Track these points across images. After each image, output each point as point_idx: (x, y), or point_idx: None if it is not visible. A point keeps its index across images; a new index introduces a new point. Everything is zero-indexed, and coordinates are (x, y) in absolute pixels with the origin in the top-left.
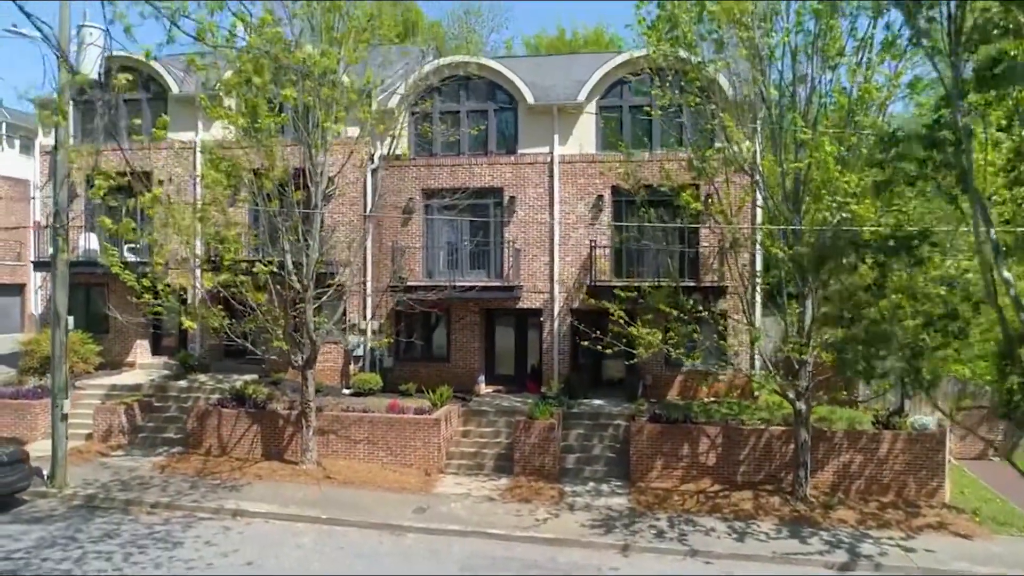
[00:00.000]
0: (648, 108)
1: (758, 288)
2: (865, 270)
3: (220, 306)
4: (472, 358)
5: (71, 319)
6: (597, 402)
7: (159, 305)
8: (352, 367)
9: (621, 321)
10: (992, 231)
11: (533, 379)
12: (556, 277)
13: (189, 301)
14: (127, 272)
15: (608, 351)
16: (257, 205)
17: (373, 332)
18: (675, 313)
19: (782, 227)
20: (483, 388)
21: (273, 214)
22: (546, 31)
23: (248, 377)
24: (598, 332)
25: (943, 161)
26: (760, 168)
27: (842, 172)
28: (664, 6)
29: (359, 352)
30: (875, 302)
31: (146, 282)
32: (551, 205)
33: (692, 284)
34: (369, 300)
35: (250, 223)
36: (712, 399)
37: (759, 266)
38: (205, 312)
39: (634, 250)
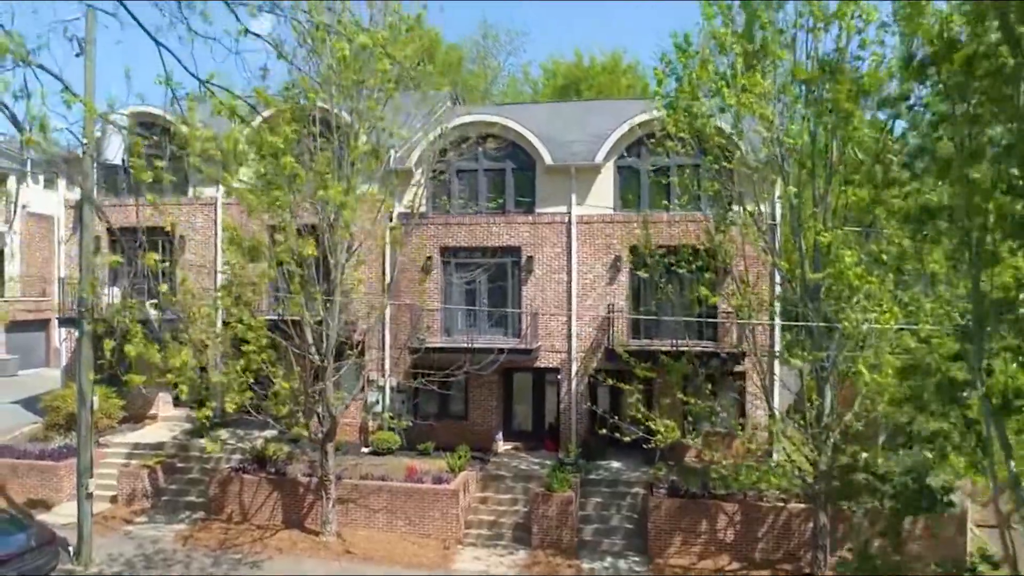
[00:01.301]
0: (666, 168)
1: (776, 367)
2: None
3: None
4: (490, 415)
5: (96, 395)
6: (615, 465)
7: (179, 376)
8: (371, 423)
9: (639, 409)
10: None
11: (551, 437)
12: (574, 336)
13: (208, 364)
14: (150, 346)
15: (627, 418)
16: (278, 276)
17: (392, 388)
18: (692, 393)
19: (799, 323)
20: (501, 446)
21: (294, 283)
22: (563, 55)
23: (268, 433)
24: (615, 415)
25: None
26: (779, 248)
27: (863, 278)
28: (682, 89)
29: (378, 408)
30: None
31: (169, 357)
32: (569, 265)
33: (711, 349)
34: (388, 356)
35: (270, 290)
36: (730, 460)
37: (777, 334)
38: (226, 383)
39: (653, 310)
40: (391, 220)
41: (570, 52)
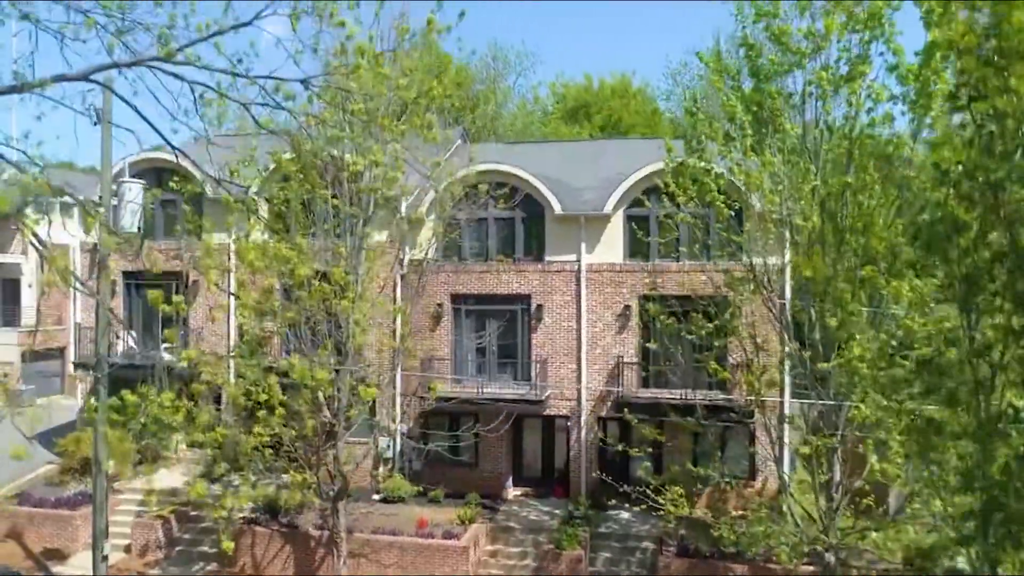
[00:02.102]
0: (675, 217)
1: (786, 427)
2: None
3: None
4: (499, 462)
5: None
6: (625, 516)
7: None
8: (381, 468)
9: (648, 473)
10: None
11: (561, 483)
12: (583, 385)
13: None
14: (165, 409)
15: (634, 452)
16: (290, 328)
17: (403, 434)
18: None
19: (809, 402)
20: (510, 492)
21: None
22: (573, 77)
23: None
24: (625, 463)
25: None
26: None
27: (874, 367)
28: (690, 146)
29: (388, 454)
30: None
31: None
32: (578, 313)
33: (721, 400)
34: (399, 402)
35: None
36: (741, 512)
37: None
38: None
39: (663, 358)
40: (402, 267)
41: (580, 70)
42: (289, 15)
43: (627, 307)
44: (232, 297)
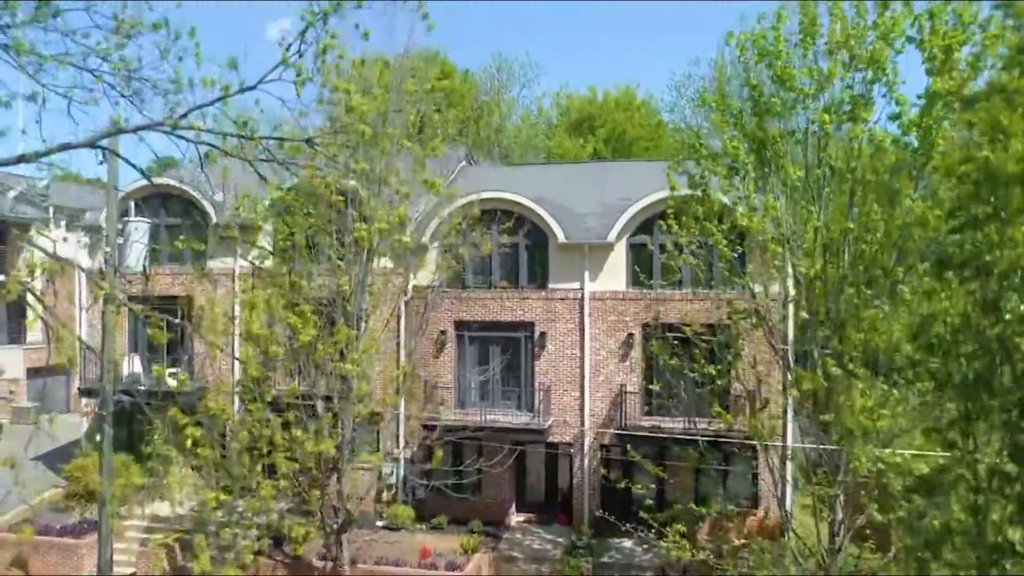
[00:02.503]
0: (676, 259)
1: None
2: None
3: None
4: (502, 488)
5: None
6: (627, 544)
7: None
8: (385, 494)
9: (649, 510)
10: None
11: (564, 509)
12: (586, 412)
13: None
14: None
15: (637, 489)
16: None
17: (406, 460)
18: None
19: (812, 447)
20: (514, 518)
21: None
22: (578, 90)
23: (284, 505)
24: (628, 509)
25: None
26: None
27: (876, 417)
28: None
29: (392, 480)
30: None
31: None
32: (582, 341)
33: (723, 433)
34: (402, 429)
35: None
36: (743, 542)
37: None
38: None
39: (666, 385)
40: (406, 293)
41: (584, 81)
42: (293, 81)
43: (630, 335)
44: (236, 326)
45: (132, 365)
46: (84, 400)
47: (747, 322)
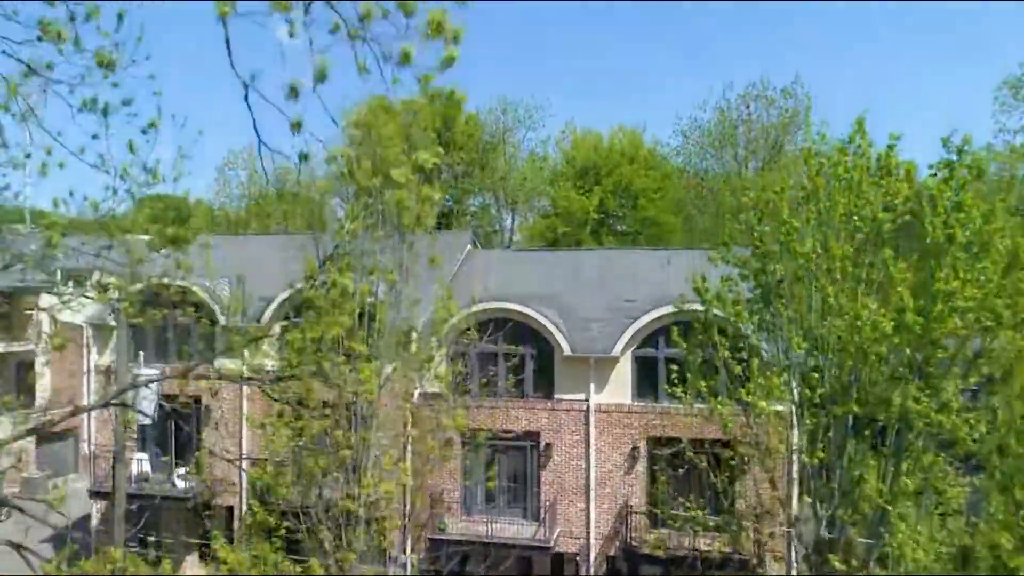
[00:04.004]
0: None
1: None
2: None
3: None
4: None
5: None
6: None
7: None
8: None
9: None
10: None
11: None
12: (592, 524)
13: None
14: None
15: None
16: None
17: (412, 565)
18: None
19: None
20: None
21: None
22: (583, 135)
23: None
24: None
25: None
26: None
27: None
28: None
29: None
30: None
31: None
32: (587, 453)
33: (729, 551)
34: (408, 538)
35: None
36: None
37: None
38: None
39: (672, 497)
40: (411, 400)
41: (589, 122)
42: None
43: (635, 448)
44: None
45: (140, 465)
46: (95, 504)
47: (749, 448)
